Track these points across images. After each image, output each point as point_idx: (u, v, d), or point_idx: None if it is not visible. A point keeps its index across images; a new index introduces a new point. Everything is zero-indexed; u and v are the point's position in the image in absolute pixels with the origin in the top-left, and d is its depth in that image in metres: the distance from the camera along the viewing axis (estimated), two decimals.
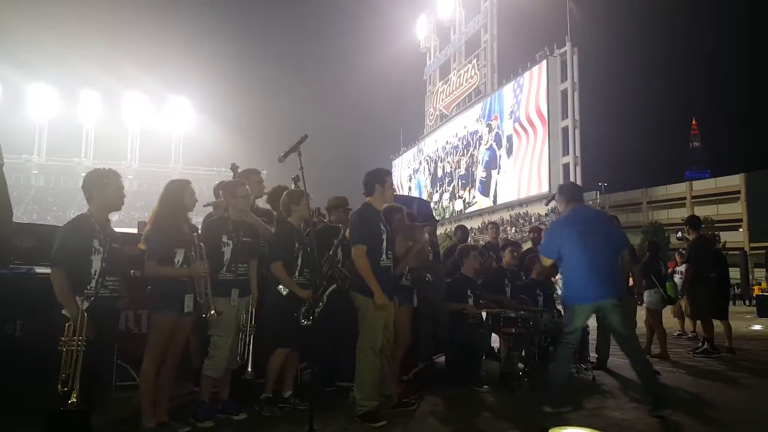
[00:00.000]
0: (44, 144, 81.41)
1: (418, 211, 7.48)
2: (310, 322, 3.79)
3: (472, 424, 3.89)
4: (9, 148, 73.44)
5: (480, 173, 62.55)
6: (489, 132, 61.82)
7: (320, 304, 3.81)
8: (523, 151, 54.73)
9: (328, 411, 3.77)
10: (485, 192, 61.35)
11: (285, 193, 4.17)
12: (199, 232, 3.72)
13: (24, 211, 65.38)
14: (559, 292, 5.49)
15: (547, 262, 4.35)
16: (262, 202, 4.70)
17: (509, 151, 56.81)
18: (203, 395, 3.66)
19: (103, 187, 3.14)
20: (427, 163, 77.76)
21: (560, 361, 4.27)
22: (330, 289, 3.90)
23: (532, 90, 54.05)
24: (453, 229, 7.79)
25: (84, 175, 3.27)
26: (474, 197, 63.82)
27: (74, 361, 2.88)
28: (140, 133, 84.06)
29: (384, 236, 3.93)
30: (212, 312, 3.35)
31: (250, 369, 3.76)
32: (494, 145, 60.31)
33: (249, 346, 3.79)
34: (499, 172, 58.82)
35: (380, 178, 4.03)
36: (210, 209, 4.59)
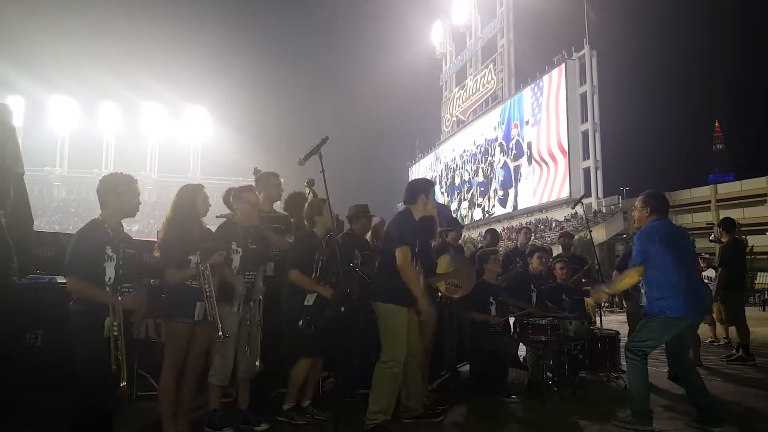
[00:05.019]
0: (66, 156, 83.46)
1: (440, 216, 7.36)
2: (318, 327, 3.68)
3: None
4: (32, 161, 75.06)
5: (498, 191, 62.37)
6: (501, 152, 61.56)
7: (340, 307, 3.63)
8: (543, 156, 54.29)
9: (349, 421, 3.65)
10: (504, 204, 61.05)
11: (306, 205, 4.08)
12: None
13: (47, 222, 66.60)
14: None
15: (638, 272, 3.86)
16: (279, 206, 4.63)
17: (530, 159, 56.36)
18: (213, 403, 3.59)
19: (121, 194, 3.06)
20: (445, 172, 77.49)
21: (639, 376, 3.87)
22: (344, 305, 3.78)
23: (551, 94, 53.67)
24: (483, 233, 7.75)
25: (100, 179, 3.13)
26: (493, 206, 63.53)
27: (116, 346, 2.83)
28: (159, 143, 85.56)
29: (416, 247, 3.79)
30: (220, 334, 3.25)
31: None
32: (509, 162, 59.93)
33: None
34: (515, 186, 58.46)
35: (425, 188, 3.95)
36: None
